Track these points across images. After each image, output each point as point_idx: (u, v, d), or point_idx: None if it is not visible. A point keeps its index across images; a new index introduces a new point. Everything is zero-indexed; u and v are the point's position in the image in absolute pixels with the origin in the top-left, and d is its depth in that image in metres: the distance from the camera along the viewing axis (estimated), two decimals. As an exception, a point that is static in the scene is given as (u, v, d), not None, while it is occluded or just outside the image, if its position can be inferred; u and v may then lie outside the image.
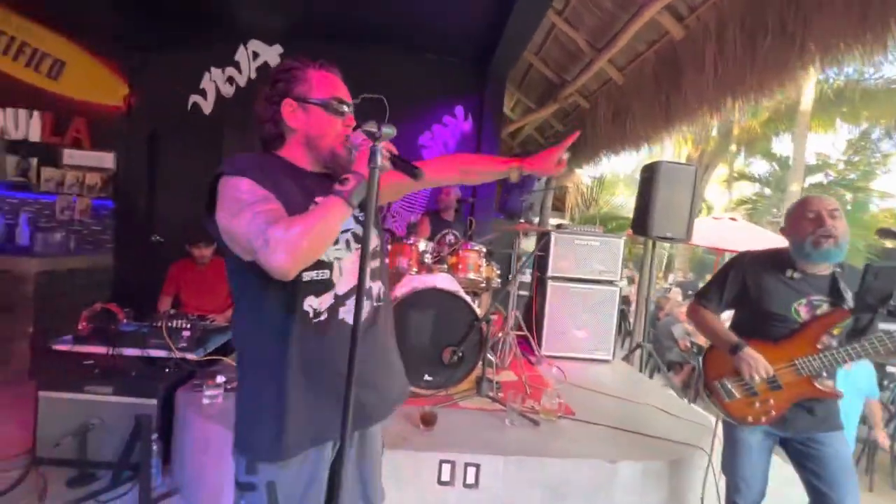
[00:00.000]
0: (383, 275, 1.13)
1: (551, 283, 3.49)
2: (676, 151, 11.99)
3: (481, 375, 2.42)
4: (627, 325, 6.51)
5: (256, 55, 4.15)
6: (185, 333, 2.33)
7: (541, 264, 3.63)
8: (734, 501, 1.63)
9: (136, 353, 2.29)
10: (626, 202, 12.98)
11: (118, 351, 2.26)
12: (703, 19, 3.31)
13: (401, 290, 2.47)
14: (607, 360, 3.50)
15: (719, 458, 1.73)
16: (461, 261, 2.87)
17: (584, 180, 11.18)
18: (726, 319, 1.73)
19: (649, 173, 3.47)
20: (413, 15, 3.63)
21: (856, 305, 1.46)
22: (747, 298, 1.60)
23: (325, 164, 1.05)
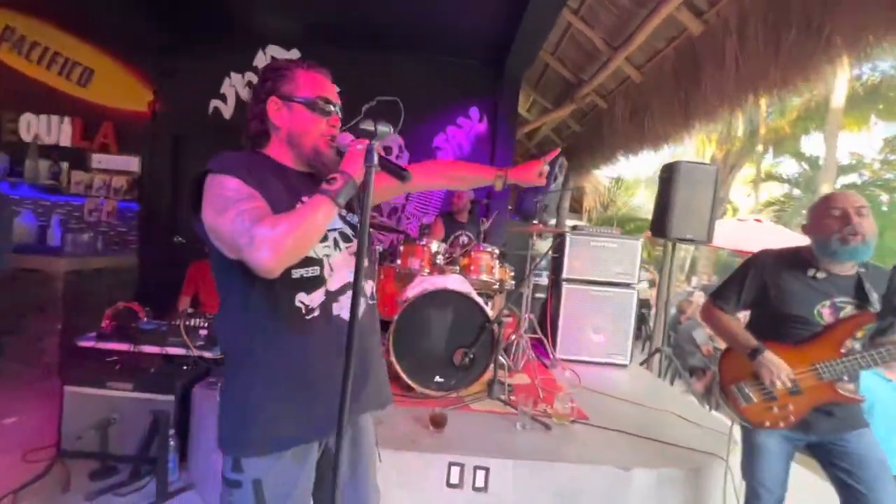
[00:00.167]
0: (372, 274, 1.15)
1: (566, 285, 3.43)
2: (700, 151, 11.69)
3: (493, 378, 2.39)
4: (647, 329, 6.36)
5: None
6: (203, 332, 2.38)
7: (556, 266, 3.58)
8: None
9: (155, 350, 2.34)
10: (646, 204, 12.76)
11: (138, 348, 2.32)
12: (723, 14, 3.21)
13: (412, 291, 2.47)
14: (624, 365, 3.42)
15: (735, 463, 1.67)
16: (473, 262, 2.85)
17: (602, 181, 11.03)
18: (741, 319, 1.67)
19: (668, 173, 3.39)
20: (427, 17, 3.65)
21: (883, 308, 1.39)
22: (766, 300, 1.53)
23: (309, 162, 1.05)
